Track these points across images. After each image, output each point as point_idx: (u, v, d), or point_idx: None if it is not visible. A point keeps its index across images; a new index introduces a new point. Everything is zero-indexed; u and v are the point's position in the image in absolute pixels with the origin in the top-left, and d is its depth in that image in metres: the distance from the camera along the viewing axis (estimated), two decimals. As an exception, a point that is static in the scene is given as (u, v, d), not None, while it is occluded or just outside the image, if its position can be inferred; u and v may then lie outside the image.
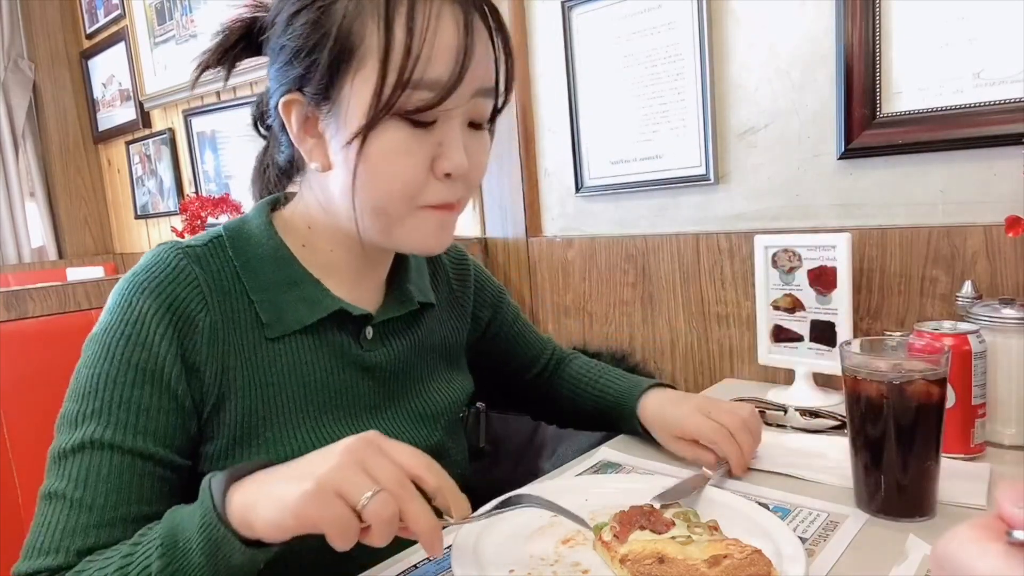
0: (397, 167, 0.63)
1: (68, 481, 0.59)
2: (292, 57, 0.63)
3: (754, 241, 1.11)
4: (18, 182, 3.05)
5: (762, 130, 1.17)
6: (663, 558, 0.56)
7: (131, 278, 0.65)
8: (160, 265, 0.65)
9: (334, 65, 0.62)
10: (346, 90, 0.62)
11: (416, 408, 0.79)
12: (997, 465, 0.77)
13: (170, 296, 0.64)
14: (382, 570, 0.66)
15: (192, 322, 0.64)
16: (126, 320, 0.63)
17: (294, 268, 0.70)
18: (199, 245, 0.69)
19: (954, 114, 0.97)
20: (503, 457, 1.20)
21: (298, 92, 0.65)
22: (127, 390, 0.61)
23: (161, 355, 0.62)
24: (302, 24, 0.62)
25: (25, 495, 0.92)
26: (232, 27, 0.71)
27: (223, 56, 0.71)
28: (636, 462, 0.85)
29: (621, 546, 0.59)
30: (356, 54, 0.61)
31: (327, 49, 0.61)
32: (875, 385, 0.66)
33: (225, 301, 0.67)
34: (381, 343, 0.76)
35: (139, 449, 0.60)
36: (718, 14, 1.19)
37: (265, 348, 0.68)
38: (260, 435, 0.67)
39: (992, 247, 0.95)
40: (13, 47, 3.00)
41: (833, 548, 0.62)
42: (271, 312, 0.69)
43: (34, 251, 3.15)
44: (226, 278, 0.68)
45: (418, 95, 0.61)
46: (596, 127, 1.39)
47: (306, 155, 0.67)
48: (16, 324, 1.01)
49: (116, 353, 0.62)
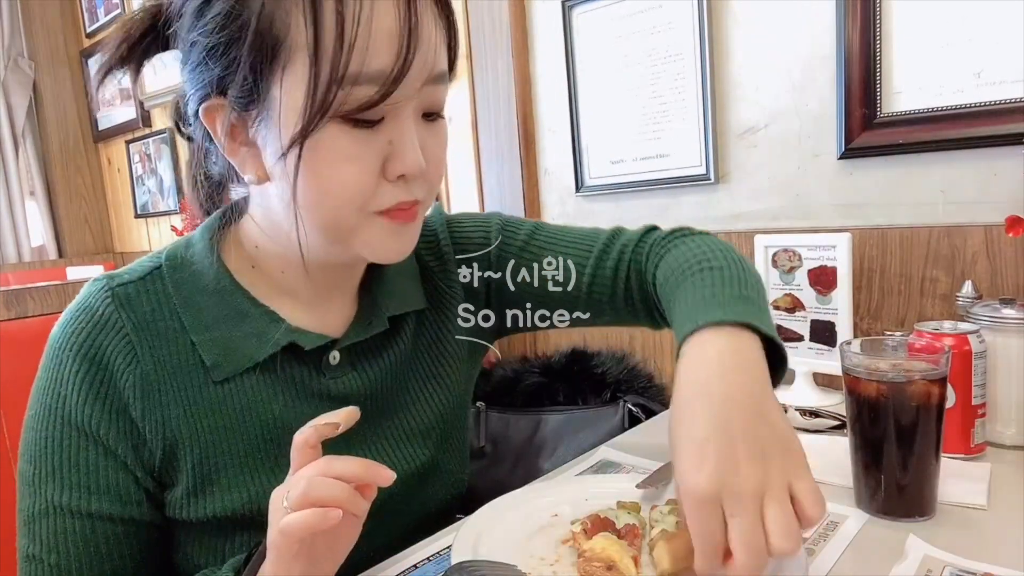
0: (343, 175, 0.55)
1: (41, 546, 0.60)
2: (206, 55, 0.55)
3: (754, 241, 1.11)
4: (18, 181, 3.06)
5: (762, 130, 1.17)
6: (611, 566, 0.57)
7: (62, 328, 0.61)
8: (86, 314, 0.61)
9: (257, 63, 0.53)
10: (275, 91, 0.54)
11: (400, 427, 0.73)
12: (997, 465, 0.77)
13: (95, 353, 0.59)
14: (382, 570, 0.66)
15: (121, 379, 0.60)
16: (57, 379, 0.60)
17: (239, 299, 0.64)
18: (133, 281, 0.63)
19: (954, 114, 0.97)
20: (503, 457, 1.20)
21: (220, 96, 0.56)
22: (74, 451, 0.60)
23: (94, 418, 0.59)
24: (214, 16, 0.54)
25: (25, 494, 0.92)
26: (134, 19, 0.62)
27: (128, 55, 0.62)
28: (636, 462, 0.85)
29: (585, 541, 0.61)
30: (282, 49, 0.53)
31: (247, 45, 0.53)
32: (875, 385, 0.66)
33: (160, 346, 0.61)
34: (351, 367, 0.69)
35: (99, 511, 0.60)
36: (718, 14, 1.19)
37: (212, 391, 0.62)
38: (216, 482, 0.63)
39: (992, 247, 0.95)
40: (13, 46, 3.00)
41: (833, 548, 0.62)
42: (215, 353, 0.62)
43: (34, 250, 3.15)
44: (162, 318, 0.62)
45: (359, 91, 0.53)
46: (596, 127, 1.39)
47: (239, 167, 0.60)
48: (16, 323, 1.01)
49: (56, 414, 0.60)
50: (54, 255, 3.16)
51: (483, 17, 1.50)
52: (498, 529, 0.67)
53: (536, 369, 1.28)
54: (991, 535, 0.63)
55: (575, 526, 0.64)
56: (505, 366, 1.29)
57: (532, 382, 1.26)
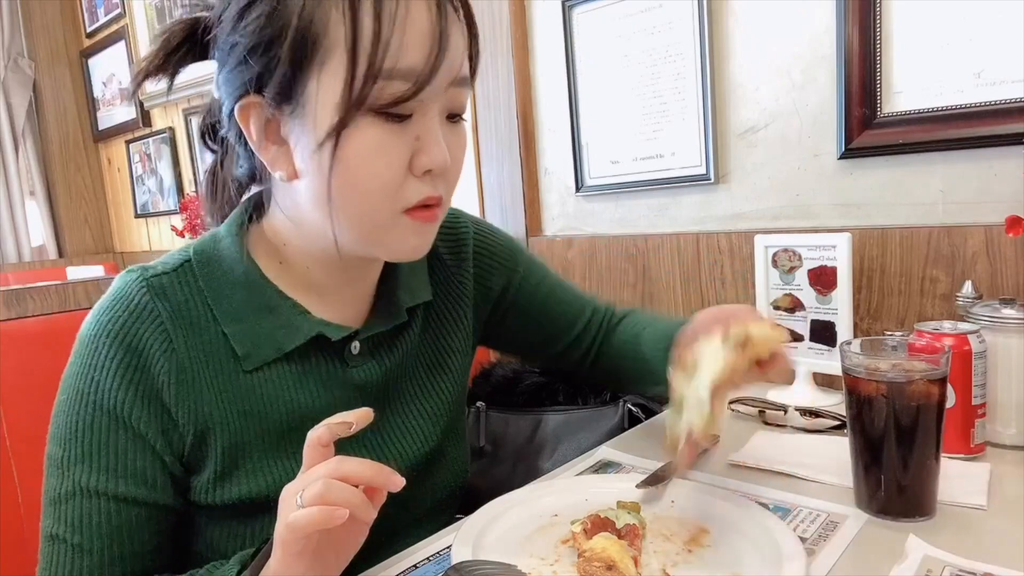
0: (375, 167, 0.58)
1: (66, 526, 0.61)
2: (247, 55, 0.58)
3: (754, 241, 1.11)
4: (18, 181, 3.06)
5: (762, 130, 1.17)
6: (612, 566, 0.57)
7: (96, 317, 0.63)
8: (122, 303, 0.63)
9: (296, 60, 0.56)
10: (312, 87, 0.57)
11: (413, 413, 0.77)
12: (997, 465, 0.77)
13: (131, 339, 0.61)
14: (382, 570, 0.66)
15: (156, 365, 0.62)
16: (92, 365, 0.61)
17: (268, 292, 0.66)
18: (167, 272, 0.65)
19: (954, 114, 0.97)
20: (503, 457, 1.20)
21: (256, 94, 0.59)
22: (104, 434, 0.61)
23: (127, 403, 0.61)
24: (256, 17, 0.57)
25: (25, 493, 0.92)
26: (173, 29, 0.65)
27: (165, 62, 0.64)
28: (636, 462, 0.85)
29: (585, 541, 0.61)
30: (320, 46, 0.56)
31: (287, 43, 0.56)
32: (875, 385, 0.66)
33: (194, 335, 0.64)
34: (371, 356, 0.72)
35: (124, 495, 0.61)
36: (718, 14, 1.19)
37: (242, 380, 0.65)
38: (242, 466, 0.65)
39: (992, 247, 0.95)
40: (13, 46, 3.00)
41: (833, 548, 0.62)
42: (246, 343, 0.65)
43: (34, 250, 3.15)
44: (195, 308, 0.64)
45: (392, 86, 0.56)
46: (596, 126, 1.39)
47: (269, 164, 0.62)
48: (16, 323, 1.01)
49: (88, 399, 0.61)
50: (54, 255, 3.17)
51: (483, 17, 1.50)
52: (498, 529, 0.67)
53: (536, 369, 1.28)
54: (991, 535, 0.63)
55: (575, 526, 0.64)
56: (505, 366, 1.29)
57: (532, 382, 1.26)
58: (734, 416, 1.02)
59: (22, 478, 0.93)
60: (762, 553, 0.60)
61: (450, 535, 0.68)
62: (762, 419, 0.98)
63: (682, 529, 0.66)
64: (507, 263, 0.89)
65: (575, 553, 0.62)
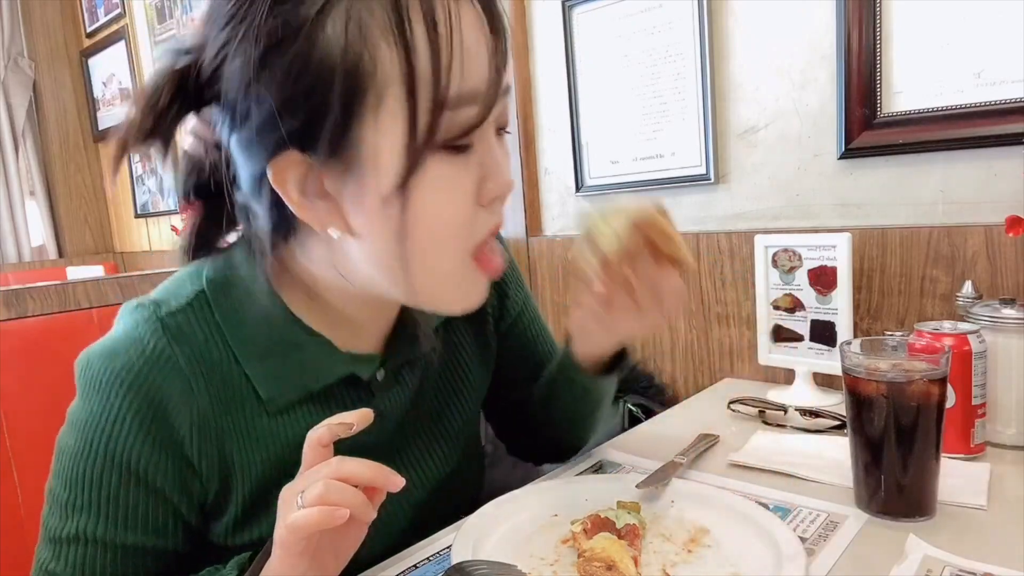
0: (450, 208, 0.53)
1: (66, 566, 0.58)
2: (280, 109, 0.49)
3: (754, 241, 1.11)
4: (18, 181, 3.06)
5: (762, 130, 1.17)
6: (612, 566, 0.57)
7: (107, 359, 0.57)
8: (136, 347, 0.57)
9: (348, 108, 0.49)
10: (367, 134, 0.49)
11: (433, 434, 0.75)
12: (997, 465, 0.77)
13: (148, 390, 0.56)
14: (382, 570, 0.66)
15: (177, 417, 0.57)
16: (104, 416, 0.56)
17: (293, 329, 0.61)
18: (181, 309, 0.59)
19: (954, 114, 0.97)
20: (503, 457, 1.20)
21: (296, 151, 0.51)
22: (115, 489, 0.57)
23: (144, 457, 0.57)
24: (288, 63, 0.48)
25: (25, 494, 0.92)
26: (160, 85, 0.54)
27: (155, 125, 0.54)
28: (636, 462, 0.85)
29: (585, 541, 0.61)
30: (372, 86, 0.48)
31: (335, 88, 0.48)
32: (875, 385, 0.66)
33: (214, 379, 0.59)
34: (395, 381, 0.69)
35: (133, 544, 0.58)
36: (718, 14, 1.19)
37: (265, 423, 0.61)
38: (265, 509, 0.62)
39: (992, 247, 0.95)
40: (13, 46, 3.00)
41: (833, 548, 0.62)
42: (270, 385, 0.60)
43: (34, 250, 3.15)
44: (214, 349, 0.59)
45: (460, 114, 0.50)
46: (596, 126, 1.39)
47: (315, 223, 0.54)
48: (16, 323, 1.01)
49: (99, 450, 0.56)
50: (54, 255, 3.16)
51: (483, 17, 1.50)
52: (498, 529, 0.67)
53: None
54: (991, 535, 0.63)
55: (575, 526, 0.64)
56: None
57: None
58: (734, 416, 1.02)
59: (22, 478, 0.93)
60: (762, 553, 0.60)
61: (450, 535, 0.68)
62: (762, 419, 0.98)
63: (682, 529, 0.66)
64: (521, 285, 0.85)
65: (575, 553, 0.62)
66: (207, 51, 0.52)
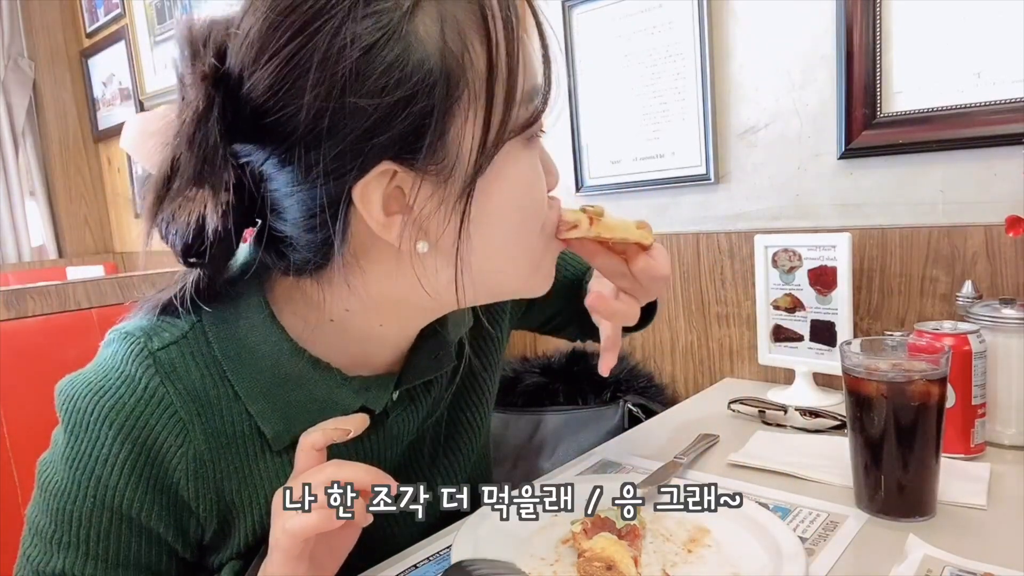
0: (533, 191, 0.54)
1: None
2: (380, 120, 0.45)
3: (754, 241, 1.11)
4: (18, 181, 3.05)
5: (762, 130, 1.17)
6: (612, 566, 0.57)
7: (95, 394, 0.53)
8: (126, 385, 0.53)
9: (447, 108, 0.47)
10: (456, 134, 0.48)
11: (447, 450, 0.73)
12: (997, 465, 0.77)
13: (140, 433, 0.52)
14: (382, 570, 0.66)
15: (171, 461, 0.53)
16: (93, 455, 0.52)
17: (299, 363, 0.57)
18: (175, 342, 0.55)
19: (954, 114, 0.97)
20: (503, 457, 1.20)
21: (390, 163, 0.47)
22: (104, 529, 0.54)
23: (136, 501, 0.53)
24: (385, 68, 0.45)
25: (25, 494, 0.92)
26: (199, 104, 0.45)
27: (205, 168, 0.46)
28: (636, 462, 0.85)
29: (585, 541, 0.61)
30: (463, 83, 0.47)
31: (438, 90, 0.46)
32: (875, 385, 0.66)
33: (212, 418, 0.55)
34: (410, 401, 0.66)
35: None
36: (718, 13, 1.19)
37: (270, 461, 0.58)
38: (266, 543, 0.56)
39: (992, 247, 0.95)
40: (13, 46, 2.99)
41: (833, 548, 0.62)
42: (275, 423, 0.56)
43: (34, 250, 3.15)
44: (212, 386, 0.55)
45: (527, 108, 0.52)
46: (596, 127, 1.39)
47: (395, 240, 0.50)
48: (16, 323, 1.01)
49: (87, 491, 0.53)
50: (54, 255, 3.16)
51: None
52: (498, 529, 0.67)
53: (536, 369, 1.28)
54: (991, 535, 0.64)
55: (575, 526, 0.64)
56: (505, 366, 1.29)
57: (532, 382, 1.26)
58: (734, 416, 1.02)
59: (22, 478, 0.93)
60: (762, 553, 0.60)
61: (450, 535, 0.68)
62: (762, 419, 0.98)
63: (682, 529, 0.66)
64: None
65: (575, 553, 0.62)
66: (257, 76, 0.46)
